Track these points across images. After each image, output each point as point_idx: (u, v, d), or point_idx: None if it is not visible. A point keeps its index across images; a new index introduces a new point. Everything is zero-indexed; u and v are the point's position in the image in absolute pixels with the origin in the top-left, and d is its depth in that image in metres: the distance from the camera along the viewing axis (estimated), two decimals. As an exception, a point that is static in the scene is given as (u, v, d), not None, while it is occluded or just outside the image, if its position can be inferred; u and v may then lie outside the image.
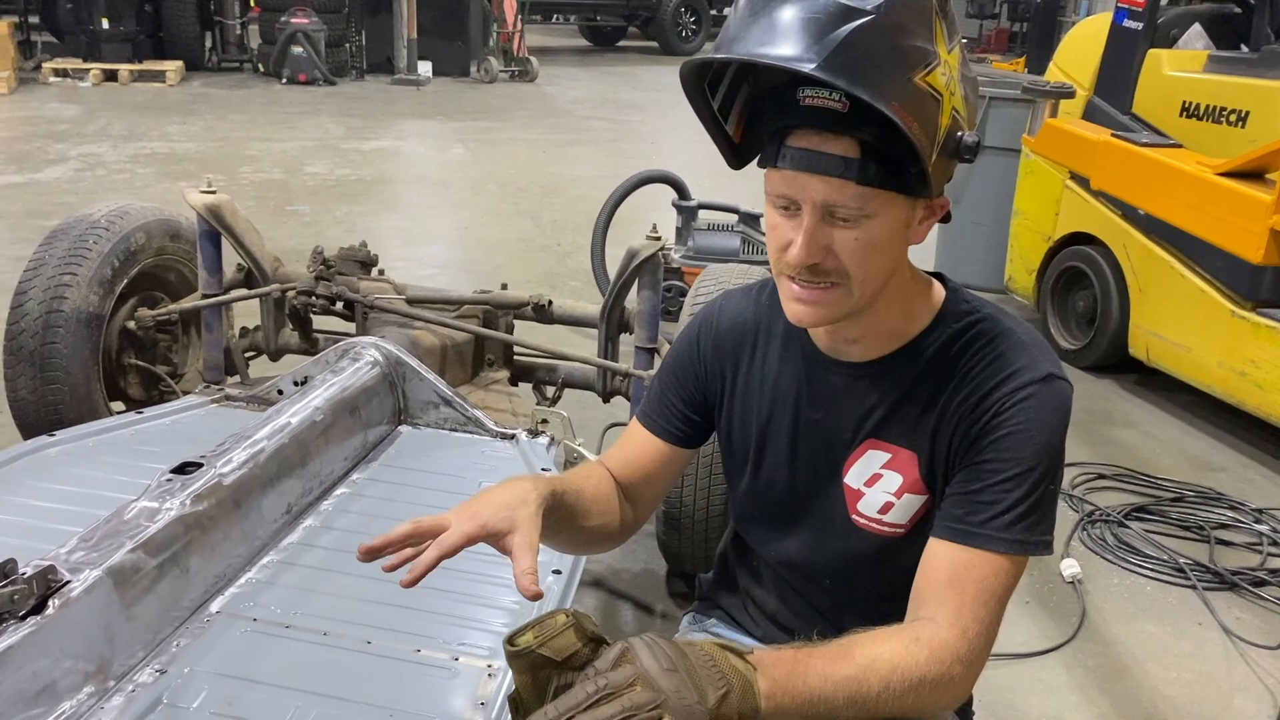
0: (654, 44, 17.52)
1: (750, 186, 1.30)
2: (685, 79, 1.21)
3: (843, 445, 1.35)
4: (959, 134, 1.18)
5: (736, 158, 1.30)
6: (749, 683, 1.04)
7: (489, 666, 1.68)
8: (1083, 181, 4.46)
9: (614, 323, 2.87)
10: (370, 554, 1.16)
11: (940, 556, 1.23)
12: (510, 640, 1.01)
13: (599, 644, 1.01)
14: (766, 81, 1.25)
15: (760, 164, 1.24)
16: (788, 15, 1.11)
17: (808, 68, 1.08)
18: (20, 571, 1.46)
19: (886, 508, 1.33)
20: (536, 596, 1.07)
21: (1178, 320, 4.12)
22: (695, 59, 1.19)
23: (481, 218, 6.85)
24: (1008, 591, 1.23)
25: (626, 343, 2.87)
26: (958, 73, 1.17)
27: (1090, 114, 4.55)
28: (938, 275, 1.36)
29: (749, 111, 1.27)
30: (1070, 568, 3.06)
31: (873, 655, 1.15)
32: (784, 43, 1.10)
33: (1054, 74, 4.88)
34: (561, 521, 1.29)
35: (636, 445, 1.48)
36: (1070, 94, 4.42)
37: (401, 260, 5.55)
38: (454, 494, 2.29)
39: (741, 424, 1.43)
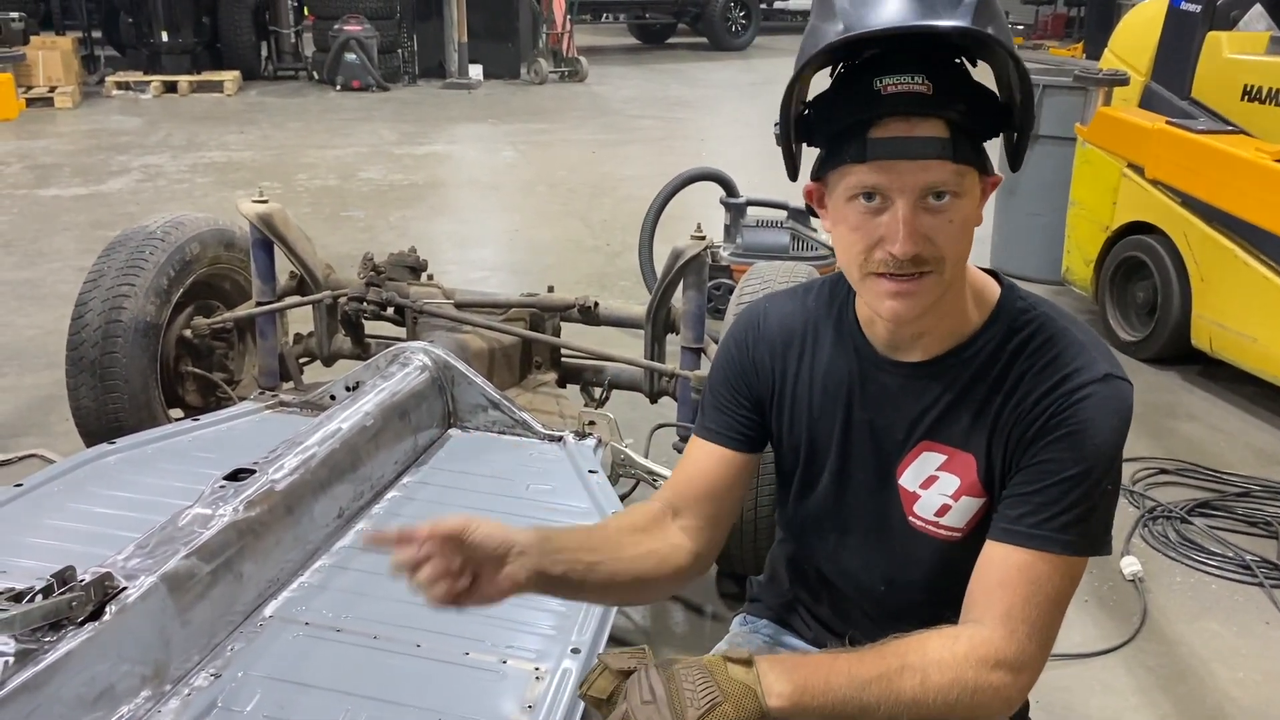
0: (704, 40, 17.46)
1: (798, 183, 1.30)
2: (813, 66, 1.20)
3: (895, 446, 1.33)
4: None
5: (794, 167, 1.30)
6: (747, 689, 1.08)
7: (536, 669, 1.69)
8: (1140, 170, 4.36)
9: (660, 323, 2.87)
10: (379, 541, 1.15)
11: (993, 559, 1.22)
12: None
13: (630, 674, 1.11)
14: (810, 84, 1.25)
15: (828, 166, 1.21)
16: None
17: (965, 22, 1.11)
18: (79, 578, 1.50)
19: (943, 510, 1.31)
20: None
21: (1242, 310, 4.01)
22: (827, 44, 1.15)
23: (531, 219, 6.89)
24: (1064, 595, 1.20)
25: (674, 343, 2.86)
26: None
27: (1147, 100, 4.45)
28: (992, 272, 1.34)
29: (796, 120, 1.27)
30: (1131, 565, 2.99)
31: (907, 654, 1.14)
32: (921, 9, 1.12)
33: (1109, 60, 4.77)
34: (570, 574, 1.23)
35: (698, 462, 1.43)
36: (1124, 81, 4.32)
37: (453, 263, 5.60)
38: (503, 496, 2.31)
39: (791, 425, 1.41)
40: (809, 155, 1.28)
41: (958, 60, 1.20)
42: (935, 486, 1.31)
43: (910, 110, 1.13)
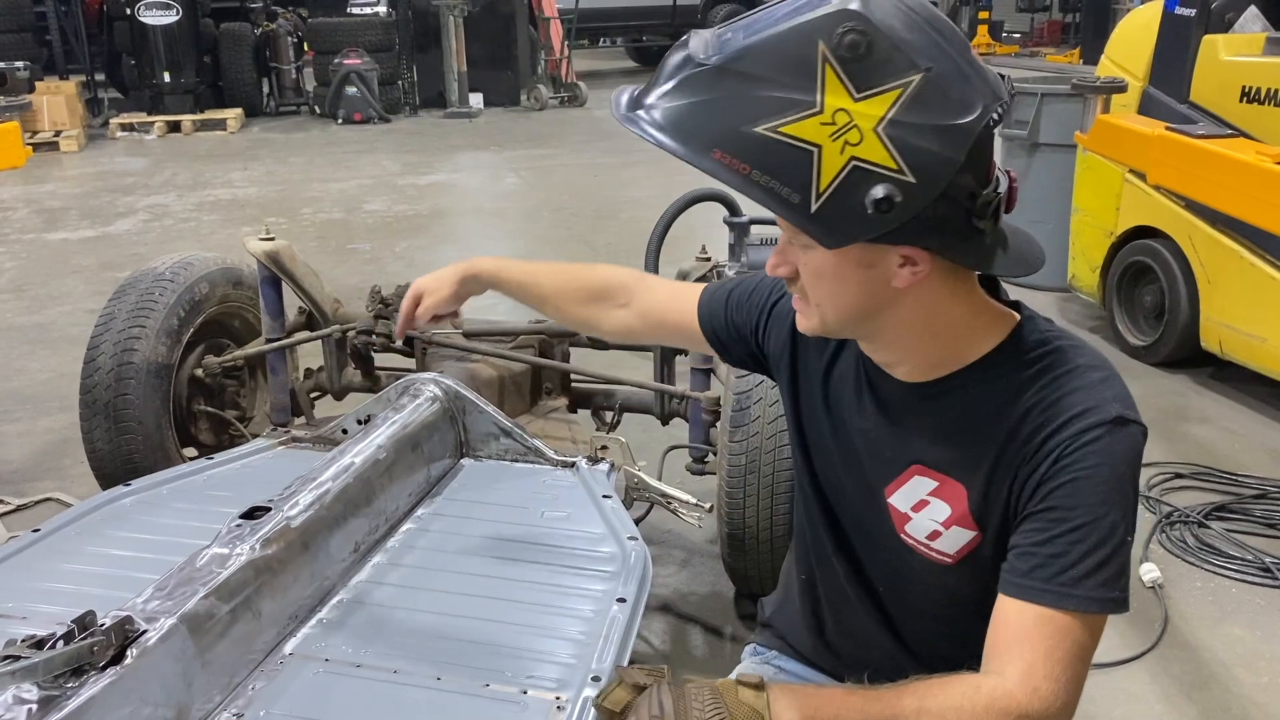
0: (701, 60, 17.55)
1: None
2: None
3: (885, 463, 1.33)
4: (873, 187, 1.07)
5: None
6: (755, 713, 1.09)
7: (557, 699, 1.69)
8: (1142, 175, 4.37)
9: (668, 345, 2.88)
10: None
11: (1009, 612, 1.18)
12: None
13: (643, 690, 1.13)
14: None
15: None
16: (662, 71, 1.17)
17: (624, 122, 1.16)
18: (99, 623, 1.50)
19: (934, 535, 1.30)
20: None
21: (1251, 311, 4.01)
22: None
23: (536, 245, 6.92)
24: (1085, 649, 1.16)
25: (683, 364, 2.87)
26: (874, 124, 1.06)
27: (1146, 106, 4.46)
28: (1015, 304, 1.30)
29: None
30: (1150, 572, 2.98)
31: (925, 698, 1.12)
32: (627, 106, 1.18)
33: (1106, 67, 4.78)
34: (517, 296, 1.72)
35: (679, 300, 1.61)
36: (1121, 88, 4.33)
37: (460, 292, 5.61)
38: (518, 525, 2.31)
39: (810, 415, 1.44)
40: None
41: None
42: (926, 511, 1.30)
43: None
